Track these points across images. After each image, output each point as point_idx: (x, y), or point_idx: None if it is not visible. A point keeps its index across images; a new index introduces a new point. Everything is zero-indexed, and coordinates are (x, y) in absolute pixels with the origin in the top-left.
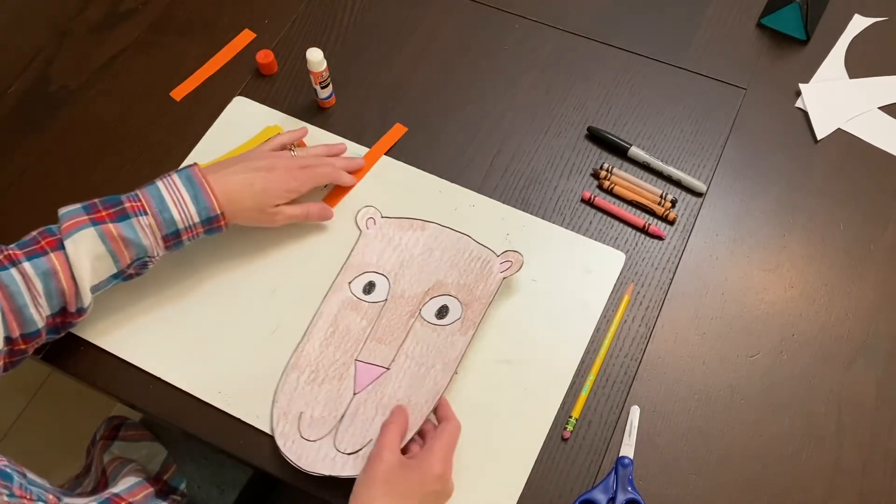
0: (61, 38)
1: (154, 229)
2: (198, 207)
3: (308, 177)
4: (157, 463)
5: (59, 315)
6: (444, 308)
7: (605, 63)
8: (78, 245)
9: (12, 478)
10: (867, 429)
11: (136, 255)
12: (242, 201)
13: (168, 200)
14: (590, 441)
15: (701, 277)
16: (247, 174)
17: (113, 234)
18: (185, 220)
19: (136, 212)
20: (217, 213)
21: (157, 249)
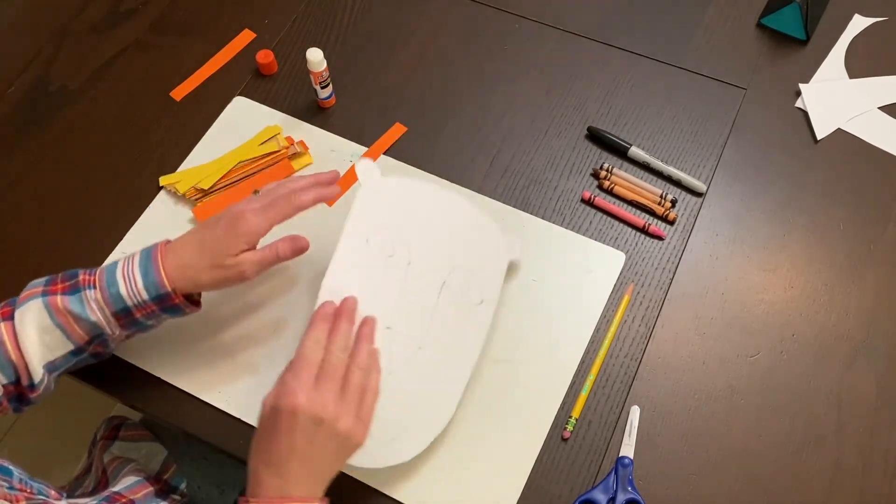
0: (61, 38)
1: (101, 304)
2: (146, 282)
3: (261, 216)
4: (158, 463)
5: (16, 385)
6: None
7: (605, 63)
8: (24, 316)
9: (12, 473)
10: (867, 429)
11: (90, 331)
12: (197, 264)
13: (118, 275)
14: (590, 441)
15: (701, 277)
16: (196, 234)
17: (59, 307)
18: (132, 295)
19: (85, 285)
20: (167, 289)
21: (111, 327)
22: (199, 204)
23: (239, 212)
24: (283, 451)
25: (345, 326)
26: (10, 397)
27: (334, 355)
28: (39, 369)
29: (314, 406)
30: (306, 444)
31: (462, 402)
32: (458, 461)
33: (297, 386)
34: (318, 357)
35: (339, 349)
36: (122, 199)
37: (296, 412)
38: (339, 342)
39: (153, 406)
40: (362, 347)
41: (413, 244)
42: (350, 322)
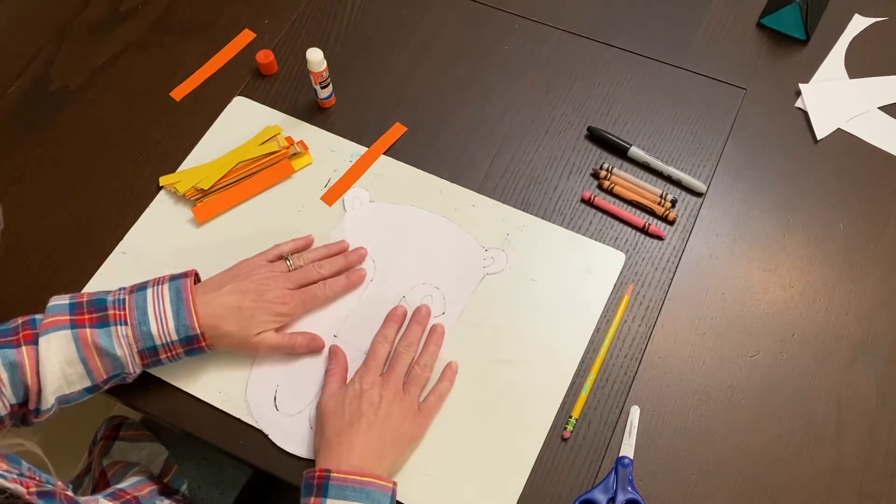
0: (61, 38)
1: (131, 342)
2: (177, 324)
3: (300, 301)
4: (158, 465)
5: (22, 406)
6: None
7: (605, 63)
8: (50, 344)
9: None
10: (867, 429)
11: (112, 369)
12: (227, 326)
13: (150, 312)
14: (590, 441)
15: (701, 277)
16: (235, 296)
17: (87, 340)
18: (163, 336)
19: (116, 321)
20: (197, 332)
21: (132, 366)
22: (199, 204)
23: (279, 297)
24: (349, 419)
25: (414, 329)
26: (14, 416)
27: (400, 351)
28: (52, 399)
29: (378, 385)
30: (371, 413)
31: (462, 402)
32: (458, 461)
33: (365, 370)
34: (386, 352)
35: (405, 346)
36: (122, 199)
37: (364, 386)
38: (406, 340)
39: (153, 406)
40: (427, 348)
41: (381, 264)
42: (420, 326)
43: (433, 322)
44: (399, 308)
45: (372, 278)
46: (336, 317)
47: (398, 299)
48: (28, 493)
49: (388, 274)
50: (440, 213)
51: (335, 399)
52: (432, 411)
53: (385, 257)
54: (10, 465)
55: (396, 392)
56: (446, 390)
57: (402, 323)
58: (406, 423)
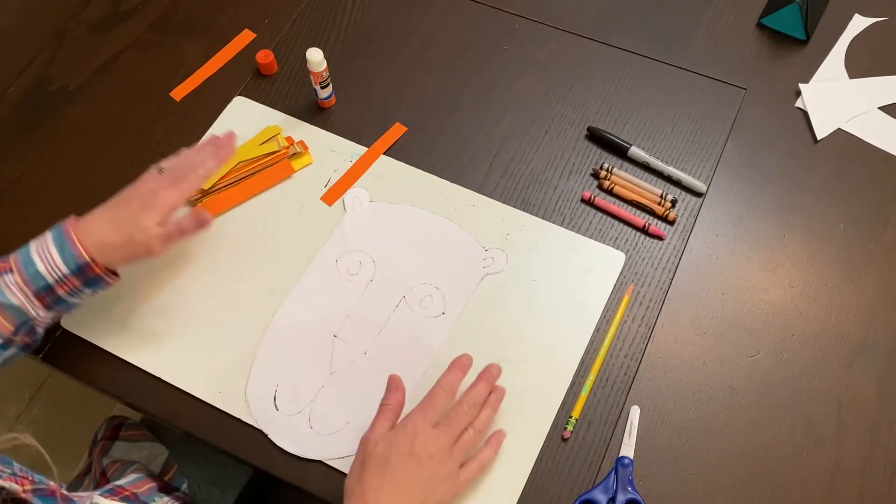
0: (61, 38)
1: (21, 286)
2: (63, 256)
3: (169, 183)
4: (159, 465)
5: None
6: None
7: (605, 63)
8: None
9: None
10: (867, 429)
11: (15, 319)
12: (110, 240)
13: (34, 254)
14: (590, 441)
15: (701, 277)
16: (109, 212)
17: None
18: (52, 272)
19: (2, 271)
20: (86, 259)
21: (35, 309)
22: (199, 204)
23: (152, 189)
24: (392, 477)
25: (481, 387)
26: None
27: (463, 409)
28: None
29: (431, 441)
30: (415, 473)
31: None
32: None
33: (421, 419)
34: (446, 402)
35: (469, 405)
36: None
37: (416, 440)
38: (471, 399)
39: (153, 406)
40: (485, 411)
41: (381, 264)
42: (488, 384)
43: (430, 325)
44: (466, 357)
45: (372, 278)
46: (336, 317)
47: (398, 299)
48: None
49: (388, 274)
50: (440, 213)
51: (384, 444)
52: (470, 481)
53: (385, 257)
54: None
55: (444, 454)
56: (489, 460)
57: (467, 372)
58: (441, 491)
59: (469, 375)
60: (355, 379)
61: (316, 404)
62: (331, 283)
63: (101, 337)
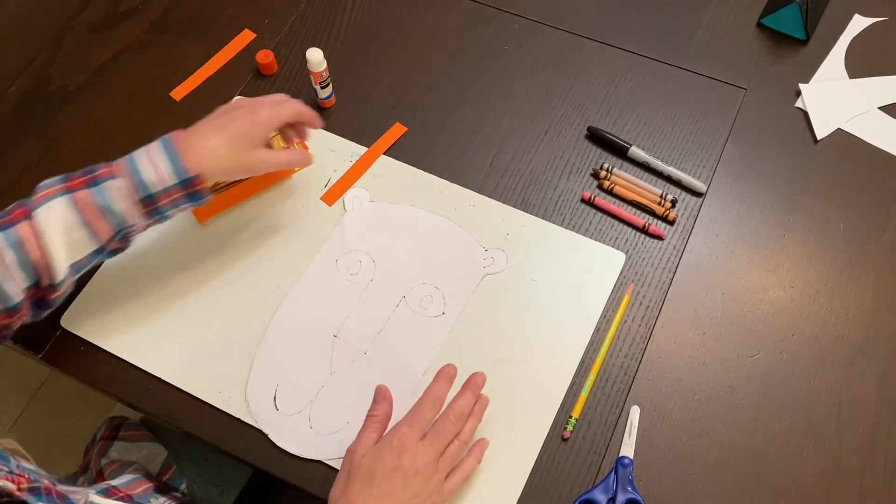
0: (61, 38)
1: (128, 193)
2: (173, 167)
3: (279, 108)
4: (158, 464)
5: (36, 288)
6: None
7: (605, 63)
8: (49, 214)
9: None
10: (867, 429)
11: (114, 226)
12: (219, 149)
13: (141, 163)
14: (590, 441)
15: (701, 277)
16: (215, 124)
17: (85, 201)
18: (160, 181)
19: (108, 176)
20: (192, 174)
21: (134, 217)
22: None
23: (253, 106)
24: (378, 492)
25: (467, 397)
26: (32, 301)
27: (450, 420)
28: (64, 269)
29: (418, 454)
30: (401, 489)
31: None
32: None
33: (408, 431)
34: (433, 414)
35: (456, 416)
36: None
37: (403, 454)
38: (458, 410)
39: (153, 406)
40: (470, 422)
41: (381, 264)
42: (474, 394)
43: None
44: (451, 367)
45: (372, 278)
46: (336, 317)
47: (398, 299)
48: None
49: (388, 274)
50: (440, 213)
51: (370, 458)
52: (454, 492)
53: (385, 257)
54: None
55: (431, 468)
56: (471, 470)
57: (453, 382)
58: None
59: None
60: (355, 379)
61: (316, 404)
62: (331, 283)
63: (101, 337)
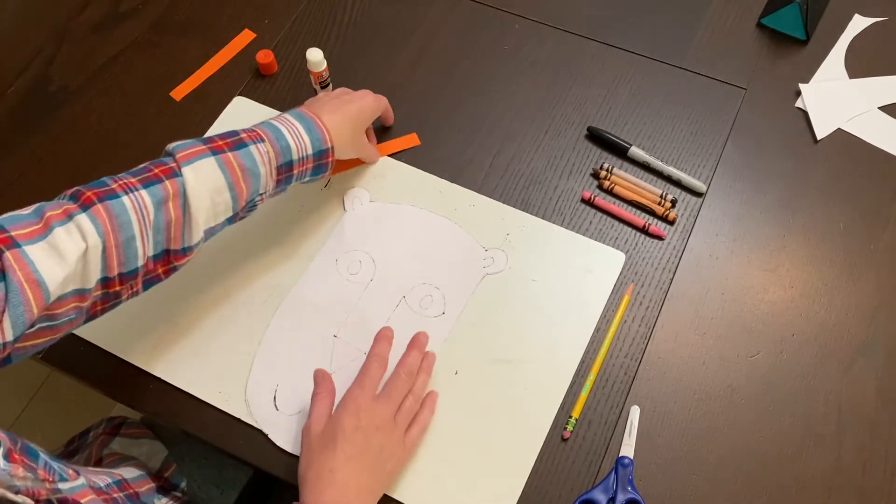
0: (61, 38)
1: (271, 157)
2: (311, 138)
3: (379, 98)
4: (158, 461)
5: (160, 259)
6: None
7: (605, 63)
8: (198, 174)
9: (38, 455)
10: (867, 429)
11: (253, 191)
12: (339, 127)
13: (283, 130)
14: (590, 441)
15: (701, 277)
16: (332, 102)
17: (232, 162)
18: (300, 149)
19: (253, 140)
20: (328, 145)
21: (269, 183)
22: None
23: (361, 93)
24: (343, 454)
25: (415, 354)
26: (146, 278)
27: (400, 378)
28: (201, 231)
29: (375, 412)
30: (364, 447)
31: (462, 402)
32: (459, 461)
33: (361, 393)
34: (381, 373)
35: (406, 374)
36: None
37: (360, 413)
38: (407, 367)
39: (153, 406)
40: (420, 377)
41: (381, 263)
42: (420, 352)
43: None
44: (387, 329)
45: (372, 278)
46: (336, 317)
47: (398, 299)
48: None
49: (387, 274)
50: (440, 213)
51: (329, 425)
52: (415, 444)
53: (385, 257)
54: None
55: (389, 423)
56: (428, 420)
57: (392, 342)
58: (393, 460)
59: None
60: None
61: None
62: (331, 282)
63: (100, 337)
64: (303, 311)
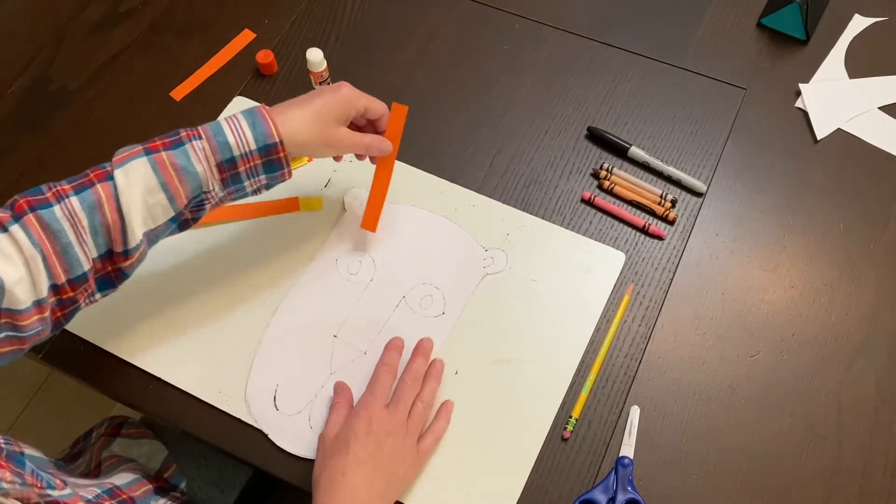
0: (61, 38)
1: (208, 154)
2: (255, 133)
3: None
4: (158, 461)
5: (106, 259)
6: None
7: (605, 63)
8: (129, 175)
9: (24, 463)
10: (867, 429)
11: (191, 189)
12: (300, 120)
13: (224, 126)
14: (590, 441)
15: (701, 277)
16: (306, 97)
17: (165, 161)
18: (240, 145)
19: (190, 138)
20: (275, 140)
21: (212, 181)
22: None
23: (338, 84)
24: (355, 458)
25: (420, 361)
26: (98, 277)
27: (407, 384)
28: (139, 234)
29: (386, 419)
30: (376, 451)
31: (462, 402)
32: (459, 461)
33: (372, 401)
34: (391, 381)
35: (412, 379)
36: None
37: (371, 420)
38: (412, 374)
39: (153, 406)
40: (429, 383)
41: (381, 264)
42: (425, 359)
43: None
44: (397, 339)
45: (372, 278)
46: (336, 317)
47: (398, 299)
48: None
49: (387, 274)
50: (440, 213)
51: (343, 432)
52: (428, 453)
53: (385, 257)
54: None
55: (401, 429)
56: (443, 431)
57: (402, 351)
58: (404, 466)
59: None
60: (355, 379)
61: (316, 404)
62: (331, 282)
63: (100, 337)
64: (303, 311)
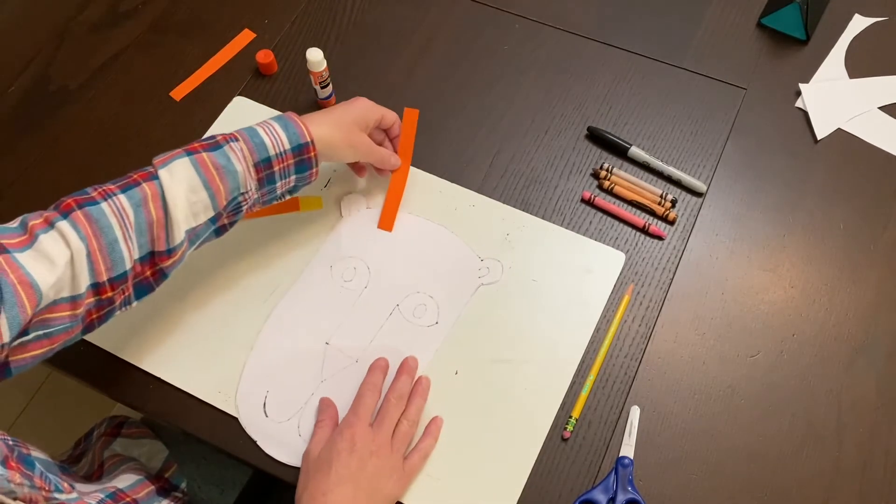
0: (61, 38)
1: (246, 154)
2: (287, 133)
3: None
4: (159, 461)
5: (147, 261)
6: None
7: (605, 63)
8: (173, 173)
9: (34, 465)
10: (867, 429)
11: (231, 189)
12: (325, 125)
13: (259, 129)
14: (590, 441)
15: (701, 277)
16: (327, 110)
17: (206, 161)
18: (276, 145)
19: (227, 140)
20: (307, 139)
21: (249, 181)
22: None
23: (356, 98)
24: (337, 477)
25: (405, 380)
26: (136, 282)
27: (391, 403)
28: (182, 232)
29: (370, 438)
30: (358, 470)
31: (462, 402)
32: (459, 461)
33: (356, 420)
34: (375, 401)
35: (396, 398)
36: None
37: (354, 439)
38: (397, 392)
39: (153, 406)
40: (414, 401)
41: (375, 271)
42: (410, 377)
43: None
44: (382, 360)
45: (366, 285)
46: (329, 324)
47: (392, 307)
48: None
49: (382, 281)
50: (437, 221)
51: (325, 451)
52: (415, 471)
53: (380, 264)
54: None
55: (385, 448)
56: (430, 448)
57: (386, 372)
58: (390, 484)
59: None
60: (346, 387)
61: (306, 412)
62: (325, 289)
63: (100, 337)
64: (296, 317)
